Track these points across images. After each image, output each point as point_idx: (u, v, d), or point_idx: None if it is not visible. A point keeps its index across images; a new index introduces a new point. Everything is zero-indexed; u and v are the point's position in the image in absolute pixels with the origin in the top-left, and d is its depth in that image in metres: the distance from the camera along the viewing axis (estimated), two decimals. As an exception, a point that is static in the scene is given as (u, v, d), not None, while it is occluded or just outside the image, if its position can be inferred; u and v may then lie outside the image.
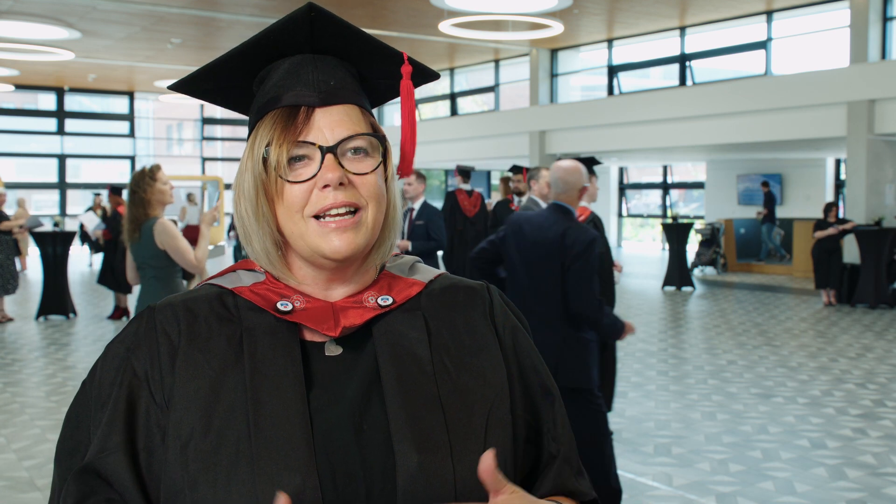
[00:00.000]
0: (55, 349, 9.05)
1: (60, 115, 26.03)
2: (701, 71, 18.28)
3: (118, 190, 11.06)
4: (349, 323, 1.02)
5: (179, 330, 1.01)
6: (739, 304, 12.88)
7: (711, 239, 16.77)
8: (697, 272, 16.65)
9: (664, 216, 22.55)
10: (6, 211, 11.79)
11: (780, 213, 18.51)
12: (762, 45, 16.46)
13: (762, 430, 5.87)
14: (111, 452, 0.97)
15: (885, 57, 14.20)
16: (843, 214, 14.44)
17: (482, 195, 9.64)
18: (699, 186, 22.96)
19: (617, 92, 19.38)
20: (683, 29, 17.64)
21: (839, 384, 7.30)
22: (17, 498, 4.62)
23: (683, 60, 17.96)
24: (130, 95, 26.83)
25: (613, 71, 19.42)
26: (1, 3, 14.28)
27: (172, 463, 0.95)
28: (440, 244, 7.45)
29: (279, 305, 1.02)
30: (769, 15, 16.19)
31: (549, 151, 18.88)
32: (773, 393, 6.96)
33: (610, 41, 19.05)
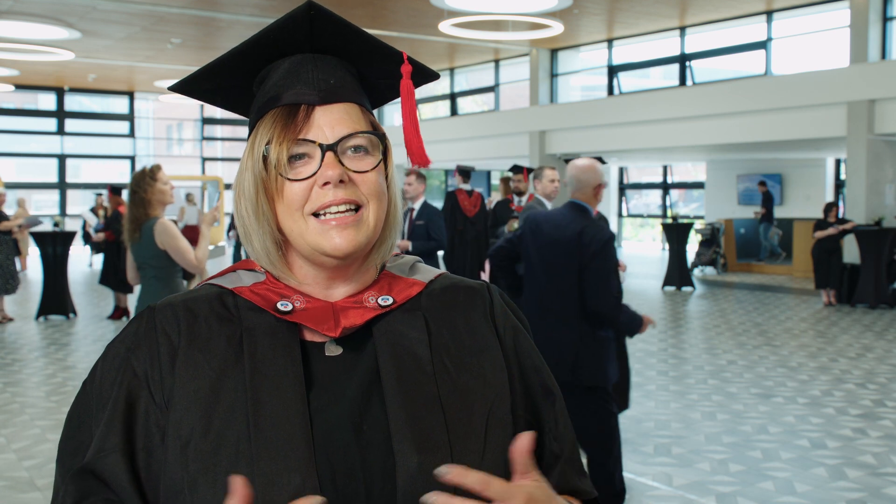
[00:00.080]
0: (55, 349, 9.04)
1: (60, 115, 26.02)
2: (701, 71, 18.27)
3: (118, 190, 11.05)
4: (349, 323, 1.02)
5: (179, 330, 1.01)
6: (739, 304, 12.88)
7: (711, 239, 16.77)
8: (697, 272, 16.64)
9: (664, 216, 22.54)
10: (6, 211, 11.79)
11: (780, 213, 18.51)
12: (762, 45, 16.45)
13: (762, 430, 5.87)
14: (109, 453, 0.97)
15: (885, 57, 14.19)
16: (843, 214, 14.43)
17: (482, 195, 9.61)
18: (699, 186, 22.96)
19: (617, 92, 19.37)
20: (683, 29, 17.63)
21: (839, 384, 7.30)
22: (17, 498, 4.62)
23: (683, 60, 17.95)
24: (130, 95, 26.81)
25: (613, 71, 19.41)
26: (1, 3, 14.28)
27: (172, 463, 0.95)
28: (440, 244, 7.46)
29: (279, 305, 1.02)
30: (769, 15, 16.18)
31: (549, 151, 18.87)
32: (773, 393, 6.96)
33: (610, 41, 19.04)
